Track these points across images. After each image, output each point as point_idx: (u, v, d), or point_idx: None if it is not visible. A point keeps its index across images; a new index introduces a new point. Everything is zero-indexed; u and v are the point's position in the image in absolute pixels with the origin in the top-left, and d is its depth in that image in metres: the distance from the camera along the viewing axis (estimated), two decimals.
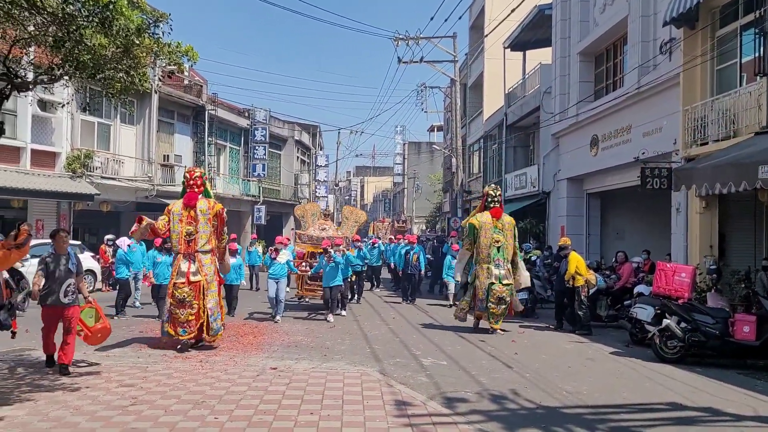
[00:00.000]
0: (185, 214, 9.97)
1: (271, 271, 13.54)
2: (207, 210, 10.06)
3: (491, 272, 12.17)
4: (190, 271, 9.78)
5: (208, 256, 10.07)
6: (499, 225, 12.42)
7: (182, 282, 9.71)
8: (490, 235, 12.29)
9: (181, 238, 9.94)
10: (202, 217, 9.98)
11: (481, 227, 12.35)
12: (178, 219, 9.97)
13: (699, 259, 12.57)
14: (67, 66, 6.92)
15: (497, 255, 12.24)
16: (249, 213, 33.91)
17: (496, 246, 12.26)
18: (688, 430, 6.27)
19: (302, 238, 15.82)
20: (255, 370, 8.36)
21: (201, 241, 9.95)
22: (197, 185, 10.13)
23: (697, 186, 10.96)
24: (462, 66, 32.64)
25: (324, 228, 15.99)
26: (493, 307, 12.06)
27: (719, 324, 9.60)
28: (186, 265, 9.82)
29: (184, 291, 9.67)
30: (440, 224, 44.73)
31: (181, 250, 9.95)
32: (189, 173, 10.22)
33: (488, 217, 12.44)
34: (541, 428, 6.14)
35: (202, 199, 10.12)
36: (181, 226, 9.94)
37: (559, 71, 20.39)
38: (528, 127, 25.64)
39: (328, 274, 13.63)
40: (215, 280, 10.14)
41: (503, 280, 12.12)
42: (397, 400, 6.89)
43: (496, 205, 12.58)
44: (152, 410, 6.34)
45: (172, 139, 27.77)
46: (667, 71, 13.98)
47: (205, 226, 10.00)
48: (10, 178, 18.70)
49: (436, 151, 50.46)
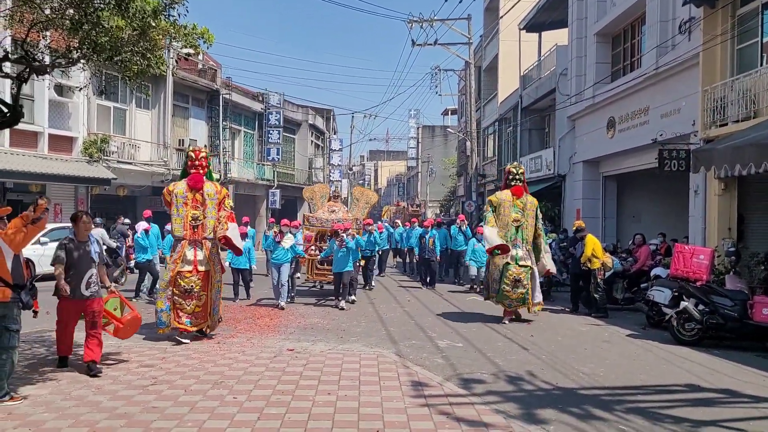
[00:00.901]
0: (191, 197, 9.21)
1: (274, 255, 12.97)
2: (215, 194, 9.34)
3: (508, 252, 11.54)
4: (198, 259, 9.09)
5: (214, 243, 9.43)
6: (520, 204, 11.68)
7: (189, 270, 9.04)
8: (508, 213, 11.63)
9: (186, 222, 9.18)
10: (209, 202, 9.26)
11: (500, 204, 11.71)
12: (183, 202, 9.20)
13: (717, 242, 12.46)
14: (84, 48, 6.95)
15: (515, 235, 11.56)
16: (264, 197, 34.04)
17: (515, 225, 11.57)
18: (706, 411, 6.25)
19: (311, 221, 15.35)
20: (272, 351, 8.43)
21: (209, 228, 9.26)
22: (203, 166, 9.44)
23: (717, 167, 10.83)
24: (477, 48, 32.41)
25: (333, 210, 15.47)
26: (508, 290, 11.31)
27: (738, 306, 9.53)
28: (192, 252, 9.11)
29: (192, 280, 9.02)
30: (454, 208, 44.64)
31: (186, 236, 9.19)
32: (194, 152, 9.50)
33: (508, 194, 11.77)
34: (557, 409, 6.15)
35: (208, 182, 9.42)
36: (186, 209, 9.19)
37: (576, 52, 20.16)
38: (543, 110, 25.44)
39: (339, 260, 13.00)
40: (220, 270, 9.50)
41: (520, 261, 11.42)
42: (413, 381, 6.93)
43: (518, 184, 11.86)
44: (172, 390, 6.43)
45: (187, 124, 27.89)
46: (686, 51, 13.78)
47: (213, 211, 9.30)
48: (29, 163, 18.89)
49: (450, 135, 50.31)
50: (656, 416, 6.00)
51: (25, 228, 5.95)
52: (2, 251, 5.82)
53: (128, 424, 5.32)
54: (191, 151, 9.55)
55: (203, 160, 9.43)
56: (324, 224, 14.88)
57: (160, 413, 5.64)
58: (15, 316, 5.90)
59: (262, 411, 5.75)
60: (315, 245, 15.11)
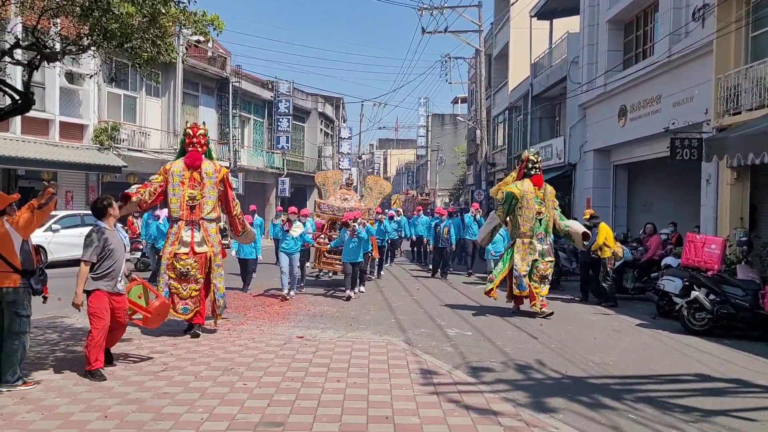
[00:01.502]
0: (188, 176, 8.69)
1: (283, 244, 12.49)
2: (213, 173, 8.81)
3: (534, 247, 10.89)
4: (195, 240, 8.61)
5: (213, 225, 8.90)
6: (540, 195, 11.06)
7: (185, 252, 8.55)
8: (532, 205, 10.93)
9: (182, 202, 8.69)
10: (208, 181, 8.73)
11: (523, 197, 10.96)
12: (179, 181, 8.68)
13: (729, 231, 12.38)
14: (94, 35, 6.95)
15: (539, 228, 10.96)
16: (273, 185, 34.12)
17: (538, 218, 10.95)
18: (716, 401, 6.23)
19: (322, 208, 14.74)
20: (282, 338, 8.47)
21: (207, 208, 8.75)
22: (201, 144, 8.86)
23: (729, 156, 10.76)
24: (487, 36, 32.21)
25: (346, 198, 14.96)
26: (536, 286, 10.83)
27: (749, 296, 9.46)
28: (189, 233, 8.63)
29: (188, 263, 8.52)
30: (463, 197, 44.56)
31: (182, 216, 8.70)
32: (192, 129, 8.91)
33: (530, 185, 11.06)
34: (566, 398, 6.14)
35: (206, 161, 8.86)
36: (182, 189, 8.67)
37: (587, 40, 19.99)
38: (554, 98, 25.27)
39: (350, 250, 12.63)
40: (220, 253, 8.99)
41: (546, 257, 10.97)
42: (422, 369, 6.94)
43: (538, 172, 11.22)
44: (183, 376, 6.47)
45: (196, 112, 27.93)
46: (700, 39, 13.63)
47: (211, 191, 8.77)
48: (40, 150, 19.01)
49: (460, 123, 50.13)
50: (666, 405, 5.99)
51: (32, 213, 5.99)
52: (11, 237, 5.86)
53: (139, 410, 5.36)
54: (189, 128, 9.00)
55: (201, 137, 8.88)
56: (336, 212, 14.41)
57: (171, 399, 5.68)
58: (25, 302, 5.95)
59: (272, 397, 5.78)
60: (325, 234, 14.67)
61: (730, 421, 5.56)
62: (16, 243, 5.89)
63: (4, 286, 5.80)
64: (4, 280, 5.79)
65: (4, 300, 5.83)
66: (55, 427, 4.91)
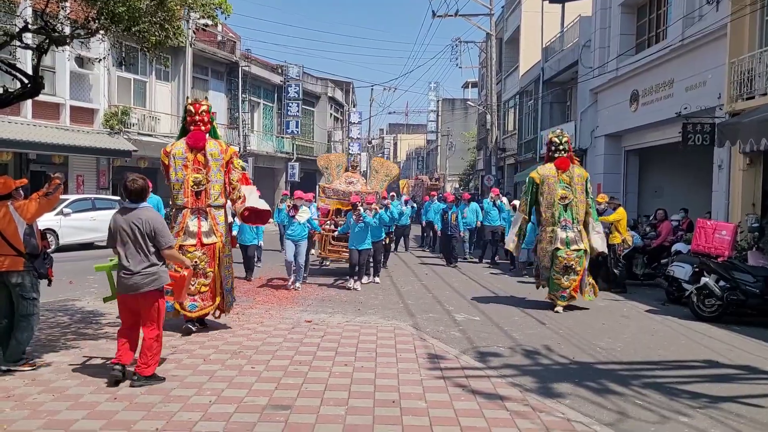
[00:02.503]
0: (191, 158, 7.84)
1: (289, 231, 11.71)
2: (219, 154, 7.92)
3: (556, 235, 10.01)
4: (202, 230, 7.79)
5: (221, 212, 8.07)
6: (566, 178, 10.15)
7: (192, 244, 7.75)
8: (554, 190, 10.11)
9: (186, 188, 7.84)
10: (213, 163, 7.87)
11: (543, 181, 10.19)
12: (182, 164, 7.84)
13: (740, 217, 12.28)
14: (102, 19, 6.94)
15: (564, 215, 10.04)
16: (283, 170, 34.18)
17: (562, 204, 10.05)
18: (724, 387, 6.21)
19: (326, 192, 13.87)
20: (290, 322, 8.51)
21: (214, 193, 7.89)
22: (204, 122, 8.00)
23: (742, 141, 10.63)
24: (498, 20, 31.94)
25: (351, 181, 14.15)
26: (558, 277, 9.97)
27: (760, 282, 9.39)
28: (195, 222, 7.80)
29: (196, 255, 7.69)
30: (473, 182, 44.43)
31: (187, 204, 7.86)
32: (194, 106, 8.02)
33: (552, 168, 10.23)
34: (574, 383, 6.14)
35: (211, 141, 7.99)
36: (186, 173, 7.84)
37: (599, 24, 19.77)
38: (565, 83, 25.07)
39: (356, 236, 11.79)
40: (230, 243, 8.27)
41: (571, 245, 9.95)
42: (430, 354, 6.96)
43: (562, 155, 10.27)
44: (191, 359, 6.52)
45: (206, 96, 27.92)
46: (714, 22, 13.44)
47: (218, 174, 7.91)
48: (51, 134, 19.10)
49: (470, 108, 49.92)
50: (674, 391, 5.97)
51: (38, 202, 6.03)
52: (15, 221, 5.89)
53: (149, 392, 5.41)
54: (190, 105, 8.07)
55: (205, 114, 8.02)
56: (342, 197, 13.68)
57: (180, 381, 5.73)
58: (30, 285, 5.99)
59: (280, 381, 5.82)
60: (332, 219, 14.00)
61: (738, 408, 5.55)
62: (20, 227, 5.92)
63: (9, 269, 5.84)
64: (7, 263, 5.83)
65: (9, 283, 5.89)
66: (66, 408, 4.97)
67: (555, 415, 5.10)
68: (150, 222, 5.62)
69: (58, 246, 16.03)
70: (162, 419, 4.80)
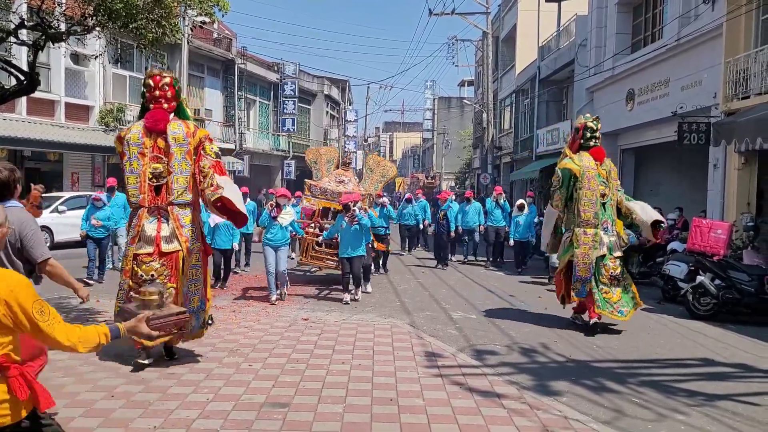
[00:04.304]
0: (149, 144, 6.27)
1: (268, 235, 9.99)
2: (185, 138, 6.27)
3: (600, 240, 8.39)
4: (162, 234, 6.21)
5: (187, 212, 6.38)
6: (603, 172, 8.63)
7: (149, 253, 6.17)
8: (595, 186, 8.46)
9: (142, 182, 6.26)
10: (177, 150, 6.24)
11: (584, 175, 8.47)
12: (139, 152, 6.25)
13: (736, 216, 12.31)
14: (99, 15, 6.92)
15: (604, 215, 8.55)
16: (279, 168, 34.14)
17: (602, 202, 8.56)
18: (720, 385, 6.23)
19: (313, 191, 11.97)
20: (287, 320, 8.51)
21: (177, 188, 6.27)
22: (167, 98, 6.37)
23: (738, 141, 10.67)
24: (494, 18, 31.93)
25: (342, 180, 12.38)
26: (606, 290, 8.40)
27: (755, 281, 9.43)
28: (154, 225, 6.23)
29: (153, 267, 6.15)
30: (469, 181, 44.46)
31: (143, 202, 6.27)
32: (153, 79, 6.38)
33: (590, 160, 8.59)
34: (570, 381, 6.16)
35: (175, 122, 6.37)
36: (142, 162, 6.25)
37: (596, 23, 19.79)
38: (561, 81, 25.09)
39: (349, 240, 10.12)
40: (200, 250, 6.53)
41: (615, 252, 8.54)
42: (427, 352, 6.97)
43: (598, 144, 8.79)
44: (188, 357, 6.52)
45: (202, 93, 27.87)
46: (710, 22, 13.47)
47: (183, 163, 6.26)
48: (46, 131, 19.02)
49: (466, 107, 49.84)
50: (670, 389, 6.00)
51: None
52: None
53: (146, 390, 5.41)
54: (148, 77, 6.45)
55: (168, 88, 6.39)
56: (329, 197, 11.84)
57: (177, 379, 5.73)
58: None
59: (277, 379, 5.82)
60: (316, 222, 12.26)
61: (734, 406, 5.57)
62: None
63: None
64: None
65: None
66: (63, 405, 4.95)
67: (552, 413, 5.11)
68: (17, 226, 3.88)
69: (53, 243, 15.96)
70: (160, 417, 4.79)
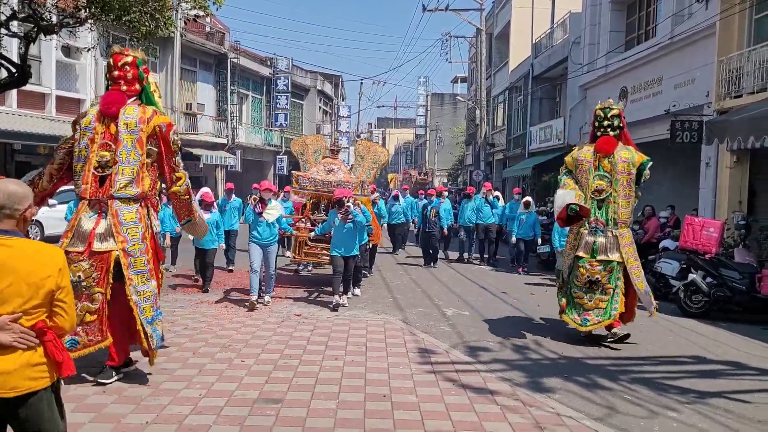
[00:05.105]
0: (100, 130, 5.55)
1: (254, 233, 9.26)
2: (137, 125, 5.57)
3: (581, 239, 7.65)
4: (97, 231, 5.41)
5: (132, 208, 5.57)
6: (606, 164, 7.68)
7: (79, 252, 5.37)
8: (586, 180, 7.71)
9: (87, 171, 5.52)
10: (127, 138, 5.51)
11: (576, 168, 7.82)
12: (89, 138, 5.55)
13: (727, 214, 12.37)
14: (92, 8, 6.87)
15: (595, 213, 7.63)
16: (271, 163, 34.06)
17: (596, 198, 7.64)
18: (712, 382, 6.27)
19: (301, 182, 11.24)
20: (279, 316, 8.48)
21: (121, 180, 5.49)
22: (126, 80, 5.71)
23: (730, 139, 10.71)
24: (488, 15, 31.93)
25: (331, 169, 11.53)
26: (579, 295, 7.58)
27: (746, 279, 9.50)
28: (93, 220, 5.47)
29: (81, 267, 5.31)
30: (462, 177, 44.50)
31: (85, 193, 5.52)
32: (114, 57, 5.69)
33: (588, 152, 7.82)
34: (563, 378, 6.17)
35: (132, 106, 5.69)
36: (91, 149, 5.53)
37: (589, 20, 19.83)
38: (555, 79, 25.13)
39: (343, 239, 9.39)
40: (148, 253, 5.61)
41: (598, 254, 7.52)
42: (419, 348, 6.97)
43: (607, 133, 7.78)
44: (180, 352, 6.49)
45: (194, 88, 27.73)
46: (703, 20, 13.51)
47: (131, 153, 5.51)
48: (37, 124, 18.86)
49: (459, 103, 49.87)
50: (662, 387, 6.02)
51: None
52: None
53: (138, 385, 5.37)
54: (110, 56, 5.72)
55: (129, 68, 5.72)
56: (319, 187, 11.20)
57: (169, 375, 5.70)
58: None
59: (270, 374, 5.80)
60: (306, 216, 11.58)
61: (726, 403, 5.60)
62: None
63: None
64: None
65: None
66: None
67: (545, 410, 5.12)
68: None
69: (43, 237, 15.86)
70: (152, 413, 4.76)
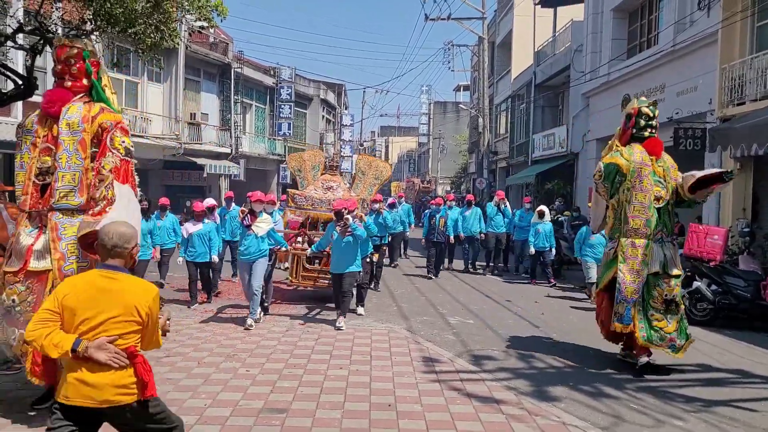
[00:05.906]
0: (42, 133, 4.99)
1: (241, 248, 8.66)
2: (80, 123, 4.87)
3: (652, 254, 6.76)
4: (35, 248, 4.83)
5: (75, 221, 4.83)
6: (659, 169, 6.95)
7: (14, 272, 4.83)
8: (649, 186, 6.82)
9: (27, 179, 5.01)
10: (68, 139, 4.86)
11: (634, 173, 6.84)
12: (31, 142, 5.03)
13: (731, 222, 12.36)
14: (98, 20, 6.92)
15: (659, 223, 6.85)
16: (275, 172, 34.12)
17: (657, 207, 6.86)
18: (717, 391, 6.25)
19: (297, 201, 10.60)
20: (284, 325, 8.49)
21: (61, 188, 4.85)
22: (72, 75, 5.00)
23: (733, 146, 10.72)
24: (491, 23, 32.02)
25: (330, 186, 10.94)
26: (658, 317, 6.72)
27: (751, 287, 9.47)
28: (31, 236, 4.90)
29: (16, 290, 4.78)
30: (465, 185, 44.52)
31: (24, 205, 5.02)
32: (58, 50, 5.00)
33: (643, 154, 6.93)
34: (568, 386, 6.16)
35: (76, 104, 4.97)
36: (32, 155, 5.01)
37: (591, 28, 19.87)
38: (557, 87, 25.18)
39: (342, 254, 8.77)
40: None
41: (671, 269, 6.77)
42: (424, 357, 6.97)
43: (654, 134, 7.10)
44: (185, 362, 6.50)
45: (198, 98, 27.83)
46: (705, 28, 13.53)
47: (72, 156, 4.86)
48: None
49: (462, 111, 50.03)
50: (667, 395, 6.01)
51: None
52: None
53: None
54: (56, 47, 5.07)
55: (75, 62, 4.98)
56: (316, 205, 10.51)
57: (174, 385, 5.71)
58: None
59: (275, 384, 5.81)
60: (303, 234, 10.79)
61: (731, 411, 5.59)
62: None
63: None
64: None
65: None
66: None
67: (551, 419, 5.12)
68: None
69: None
70: None
